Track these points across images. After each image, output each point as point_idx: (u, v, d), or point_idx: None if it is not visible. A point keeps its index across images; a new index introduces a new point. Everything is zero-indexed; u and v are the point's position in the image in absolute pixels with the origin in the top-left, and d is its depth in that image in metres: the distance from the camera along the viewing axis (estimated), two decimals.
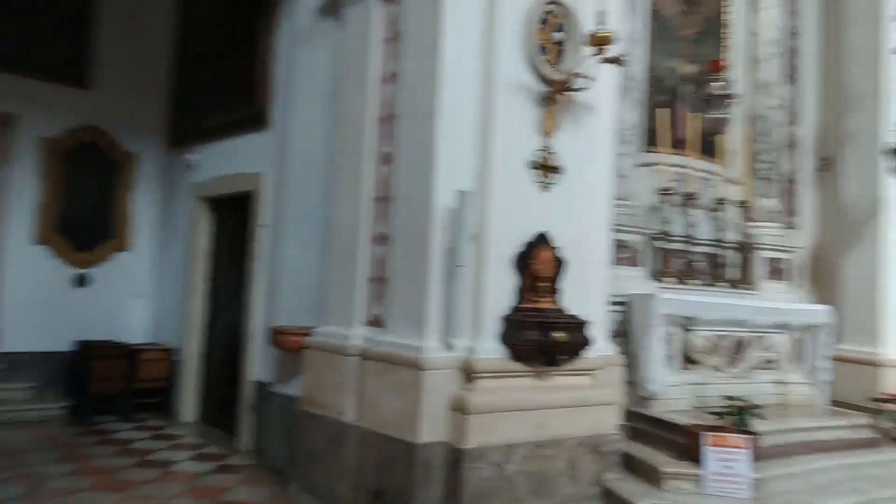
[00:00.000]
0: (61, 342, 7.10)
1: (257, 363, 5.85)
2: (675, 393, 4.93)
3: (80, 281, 7.35)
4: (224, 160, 6.70)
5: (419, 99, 4.25)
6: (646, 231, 5.49)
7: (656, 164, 5.85)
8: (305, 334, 4.84)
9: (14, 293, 6.92)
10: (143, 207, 7.79)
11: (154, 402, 7.14)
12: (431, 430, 3.93)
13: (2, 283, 6.88)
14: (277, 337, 4.97)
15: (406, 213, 4.26)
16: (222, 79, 6.88)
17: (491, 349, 4.08)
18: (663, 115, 5.76)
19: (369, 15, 4.66)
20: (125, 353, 6.96)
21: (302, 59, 5.65)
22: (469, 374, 4.02)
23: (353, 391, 4.39)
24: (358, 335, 4.45)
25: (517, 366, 4.06)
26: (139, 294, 7.71)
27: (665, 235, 5.54)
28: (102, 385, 6.77)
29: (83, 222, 7.40)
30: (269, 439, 5.47)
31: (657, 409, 4.71)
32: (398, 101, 4.43)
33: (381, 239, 4.45)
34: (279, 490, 4.81)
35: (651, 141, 5.82)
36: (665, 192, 5.65)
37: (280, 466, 5.10)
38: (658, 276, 5.53)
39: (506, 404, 4.04)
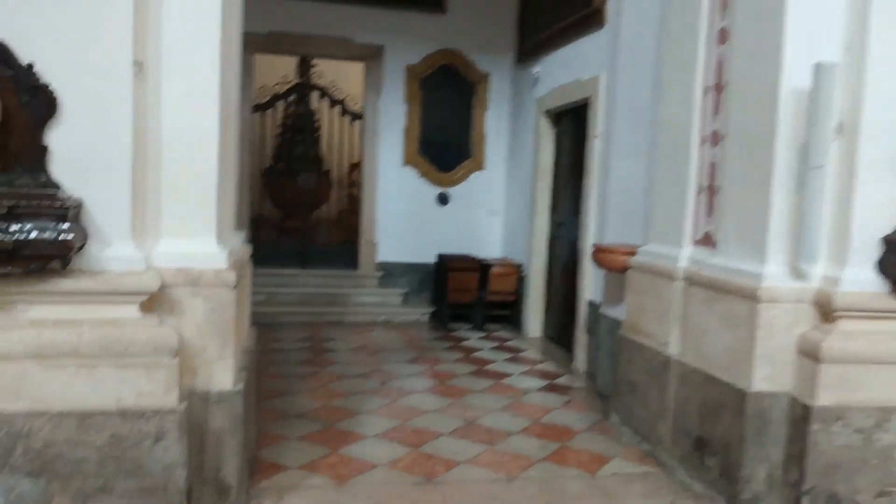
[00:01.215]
0: (426, 255, 7.72)
1: (590, 282, 5.51)
2: None
3: (442, 199, 7.84)
4: (563, 68, 6.33)
5: None
6: None
7: None
8: (630, 253, 4.30)
9: (387, 211, 7.70)
10: (495, 126, 7.91)
11: (504, 315, 7.37)
12: (769, 377, 3.12)
13: (377, 201, 7.70)
14: (599, 255, 4.53)
15: (743, 101, 3.36)
16: None
17: (862, 280, 3.03)
18: None
19: None
20: (477, 267, 7.26)
21: None
22: (826, 310, 3.06)
23: (678, 320, 3.74)
24: (684, 256, 3.76)
25: None
26: (495, 212, 7.94)
27: None
28: (458, 295, 7.19)
29: (443, 144, 7.82)
30: (600, 363, 5.14)
31: None
32: None
33: (714, 139, 3.62)
34: (600, 418, 4.47)
35: None
36: None
37: (608, 393, 4.74)
38: None
39: (879, 354, 3.00)
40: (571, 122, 6.35)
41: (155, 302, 2.66)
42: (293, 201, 8.87)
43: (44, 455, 2.44)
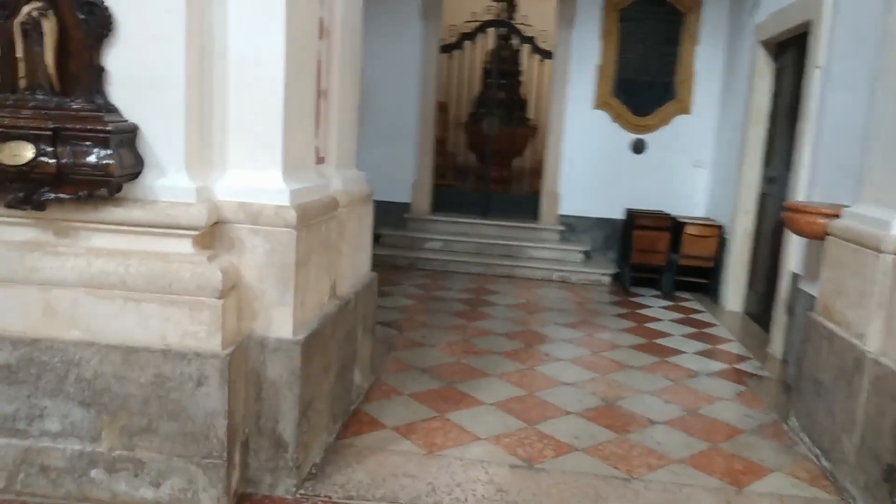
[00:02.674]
0: (615, 209, 6.99)
1: (796, 250, 4.47)
2: None
3: (637, 147, 6.99)
4: None
5: None
6: None
7: None
8: (832, 215, 3.32)
9: (573, 159, 7.05)
10: (707, 63, 6.81)
11: (700, 283, 6.42)
12: None
13: (562, 148, 7.07)
14: (791, 216, 3.57)
15: None
16: None
17: None
18: None
19: None
20: (668, 226, 6.38)
21: None
22: None
23: (882, 308, 2.78)
24: None
25: None
26: (700, 163, 6.91)
27: None
28: (643, 256, 6.40)
29: (643, 84, 6.92)
30: (794, 349, 4.17)
31: None
32: None
33: None
34: (776, 419, 3.59)
35: None
36: None
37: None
38: None
39: None
40: (794, 55, 5.17)
41: (213, 237, 2.48)
42: (490, 149, 8.55)
43: (94, 386, 2.39)
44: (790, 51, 5.26)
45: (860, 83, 3.55)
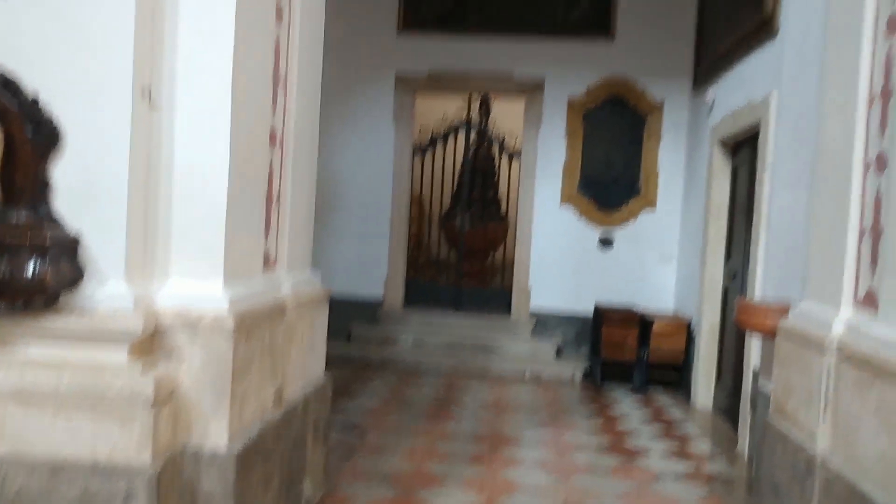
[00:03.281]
0: (586, 304, 7.02)
1: (755, 347, 4.48)
2: None
3: (605, 242, 7.11)
4: (736, 90, 5.40)
5: None
6: None
7: None
8: (781, 313, 3.35)
9: (543, 254, 7.15)
10: (669, 161, 7.04)
11: (670, 379, 6.39)
12: None
13: (532, 244, 7.18)
14: (743, 315, 3.60)
15: None
16: None
17: None
18: None
19: None
20: (636, 321, 6.40)
21: None
22: None
23: (829, 407, 2.77)
24: (840, 320, 2.79)
25: None
26: (666, 257, 7.01)
27: None
28: (612, 352, 6.38)
29: (608, 181, 7.12)
30: (755, 448, 4.10)
31: None
32: None
33: (880, 163, 2.66)
34: None
35: None
36: None
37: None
38: None
39: None
40: (748, 154, 5.36)
41: (151, 346, 2.46)
42: (467, 245, 8.65)
43: (18, 503, 2.31)
44: (744, 150, 5.46)
45: (802, 184, 3.67)
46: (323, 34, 3.55)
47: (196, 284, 2.52)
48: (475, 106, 8.44)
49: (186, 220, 2.53)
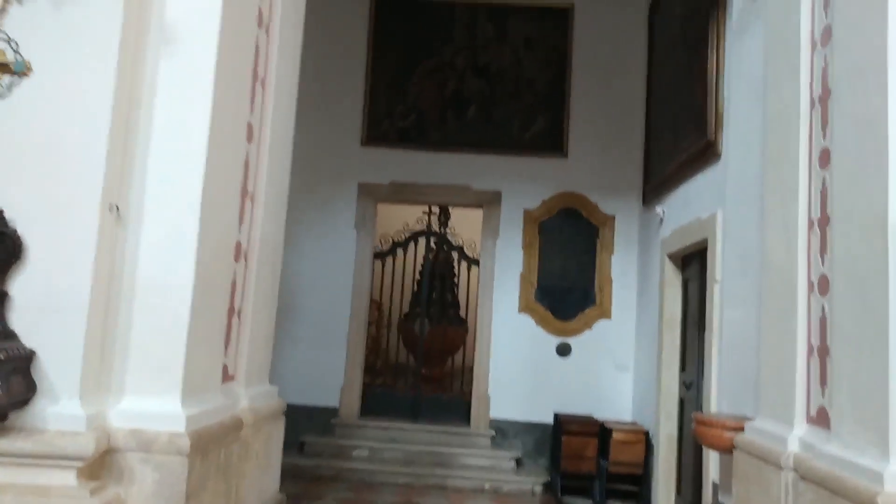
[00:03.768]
0: (545, 413, 6.97)
1: (714, 460, 4.49)
2: None
3: (562, 350, 7.16)
4: (684, 207, 5.66)
5: (856, 57, 2.60)
6: None
7: None
8: (737, 428, 3.40)
9: (502, 362, 7.15)
10: (622, 271, 7.24)
11: (632, 491, 6.31)
12: None
13: (492, 351, 7.19)
14: (700, 429, 3.65)
15: (847, 239, 2.58)
16: (677, 117, 5.94)
17: None
18: None
19: None
20: (596, 431, 6.37)
21: (738, 58, 4.34)
22: None
23: None
24: (795, 437, 2.85)
25: None
26: (623, 366, 7.09)
27: None
28: (572, 463, 6.30)
29: (564, 290, 7.26)
30: None
31: None
32: (832, 69, 2.82)
33: (823, 285, 2.81)
34: None
35: None
36: None
37: None
38: None
39: None
40: (697, 268, 5.57)
41: (101, 467, 2.37)
42: (426, 349, 8.60)
43: None
44: (694, 264, 5.67)
45: (751, 301, 3.82)
46: (291, 152, 3.66)
47: (152, 402, 2.46)
48: (436, 215, 8.64)
49: (146, 335, 2.51)
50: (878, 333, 2.33)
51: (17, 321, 2.37)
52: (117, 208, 2.48)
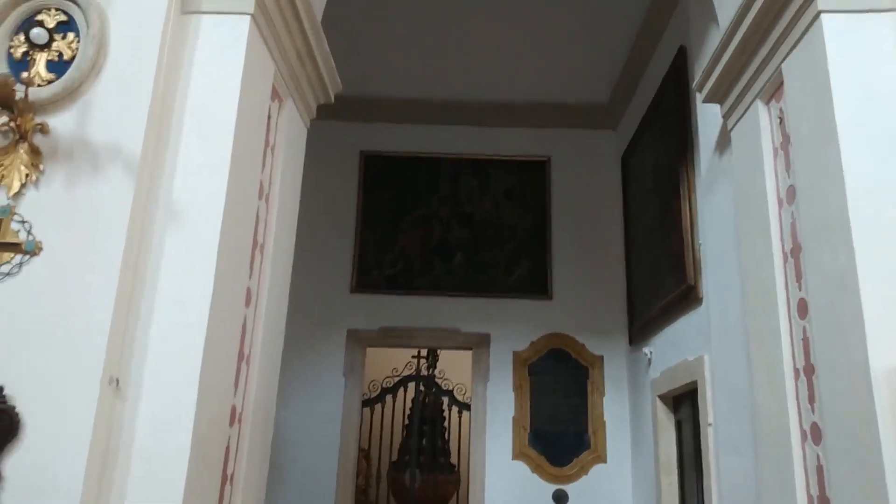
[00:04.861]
0: None
1: None
2: None
3: (559, 498, 6.95)
4: (670, 348, 5.74)
5: (820, 214, 2.80)
6: None
7: None
8: None
9: None
10: (615, 413, 7.19)
11: None
12: None
13: (486, 500, 6.96)
14: None
15: (833, 389, 2.65)
16: (657, 260, 6.16)
17: None
18: None
19: (756, 121, 3.47)
20: None
21: (711, 209, 4.60)
22: None
23: None
24: None
25: None
26: None
27: None
28: None
29: (557, 434, 7.16)
30: None
31: None
32: (800, 225, 3.01)
33: (815, 434, 2.84)
34: None
35: None
36: None
37: None
38: None
39: None
40: (689, 409, 5.56)
41: None
42: (418, 500, 8.28)
43: None
44: (686, 405, 5.66)
45: (745, 447, 3.81)
46: (286, 311, 3.75)
47: None
48: (425, 359, 8.63)
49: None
50: (876, 485, 2.34)
51: (7, 501, 2.32)
52: (117, 381, 2.51)
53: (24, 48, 2.72)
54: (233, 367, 3.01)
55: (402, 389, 8.00)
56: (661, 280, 6.01)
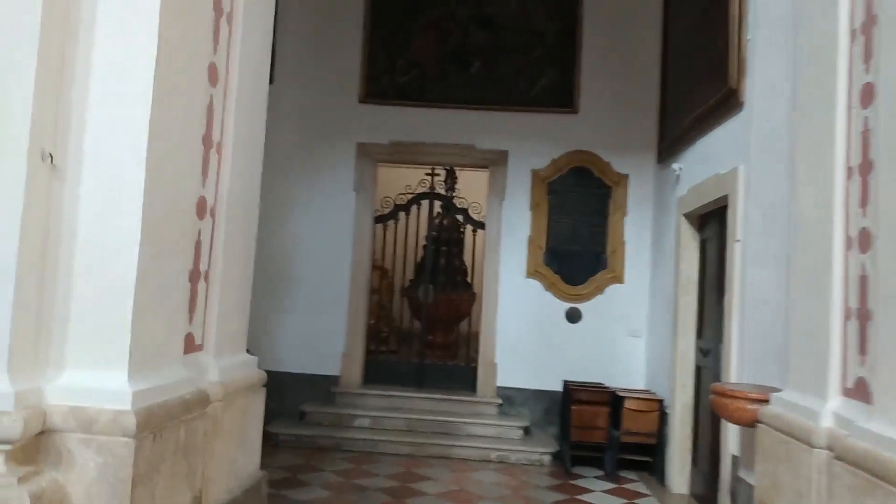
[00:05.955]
0: (554, 380, 6.69)
1: (733, 432, 4.18)
2: None
3: (572, 316, 6.84)
4: (702, 163, 5.28)
5: None
6: None
7: None
8: (761, 400, 3.08)
9: (509, 328, 6.85)
10: (636, 234, 6.87)
11: (645, 461, 6.03)
12: None
13: (498, 317, 6.89)
14: (718, 402, 3.32)
15: (893, 187, 2.22)
16: (695, 66, 5.51)
17: None
18: None
19: None
20: (607, 400, 6.08)
21: None
22: None
23: None
24: (828, 412, 2.53)
25: None
26: (636, 332, 6.76)
27: None
28: (582, 433, 6.02)
29: (574, 254, 6.91)
30: None
31: None
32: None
33: (863, 240, 2.45)
34: None
35: None
36: None
37: None
38: None
39: None
40: (716, 227, 5.20)
41: (37, 450, 2.09)
42: (432, 316, 8.31)
43: None
44: (712, 223, 5.30)
45: (775, 261, 3.47)
46: (266, 97, 3.31)
47: (96, 376, 2.17)
48: (440, 176, 8.27)
49: (88, 301, 2.20)
50: None
51: None
52: (51, 157, 2.16)
53: None
54: (196, 152, 2.64)
55: (416, 207, 7.71)
56: (698, 87, 5.40)
